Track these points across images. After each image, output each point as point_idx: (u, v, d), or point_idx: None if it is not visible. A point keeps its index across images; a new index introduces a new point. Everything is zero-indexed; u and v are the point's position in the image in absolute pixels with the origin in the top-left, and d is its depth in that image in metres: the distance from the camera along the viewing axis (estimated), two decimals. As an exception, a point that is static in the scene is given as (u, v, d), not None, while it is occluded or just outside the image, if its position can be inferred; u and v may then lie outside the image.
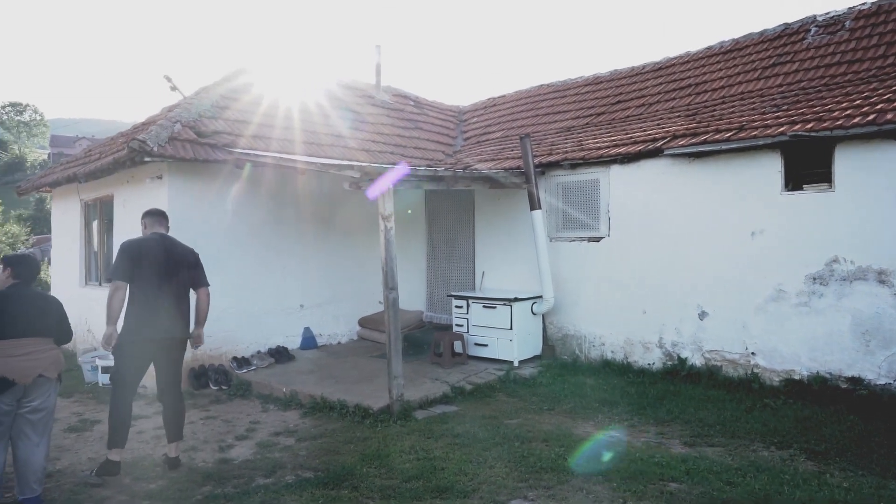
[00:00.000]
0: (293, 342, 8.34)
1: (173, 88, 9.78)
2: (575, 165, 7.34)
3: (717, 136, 6.13)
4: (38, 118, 77.48)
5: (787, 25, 9.20)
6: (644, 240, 6.76)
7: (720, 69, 9.13)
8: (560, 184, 7.59)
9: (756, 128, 6.05)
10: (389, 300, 5.86)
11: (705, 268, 6.27)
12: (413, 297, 9.46)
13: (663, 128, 7.41)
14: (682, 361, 6.43)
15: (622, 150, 6.94)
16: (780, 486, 3.87)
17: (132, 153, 6.50)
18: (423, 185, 6.46)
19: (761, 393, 5.71)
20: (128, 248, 4.42)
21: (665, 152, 6.40)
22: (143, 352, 4.39)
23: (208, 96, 8.23)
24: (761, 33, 9.40)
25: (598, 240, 7.19)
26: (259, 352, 7.81)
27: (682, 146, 6.27)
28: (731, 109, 7.38)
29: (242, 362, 7.44)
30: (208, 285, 4.68)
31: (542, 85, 12.40)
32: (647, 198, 6.73)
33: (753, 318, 5.94)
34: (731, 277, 6.09)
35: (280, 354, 7.83)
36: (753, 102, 7.44)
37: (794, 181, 5.75)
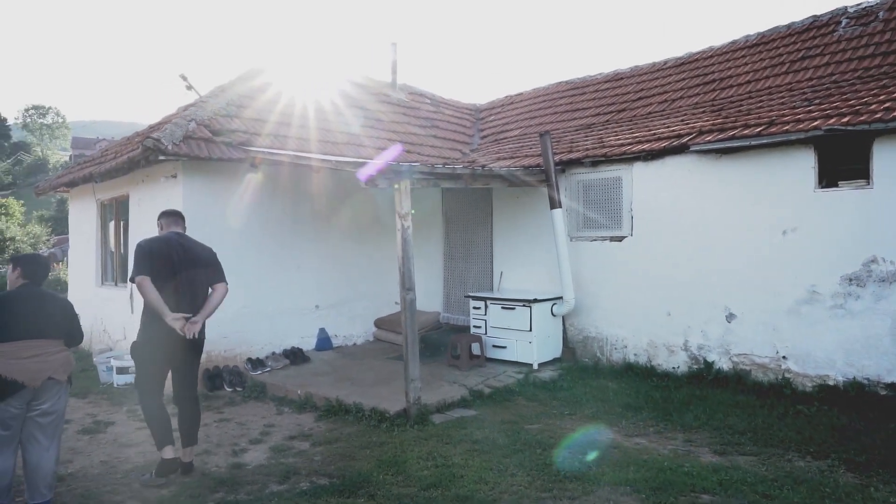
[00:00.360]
0: (308, 343, 8.24)
1: (189, 87, 9.73)
2: (596, 163, 7.14)
3: (746, 132, 5.90)
4: (60, 121, 78.67)
5: (815, 18, 8.91)
6: (668, 239, 6.54)
7: (746, 63, 8.86)
8: (581, 182, 7.39)
9: (787, 122, 5.80)
10: (406, 301, 5.72)
11: (733, 268, 6.04)
12: (429, 298, 9.31)
13: (687, 124, 7.18)
14: (709, 365, 6.20)
15: (645, 146, 6.73)
16: (820, 499, 3.65)
17: (146, 152, 6.43)
18: (441, 183, 6.31)
19: (793, 399, 5.47)
20: (144, 246, 4.33)
21: (691, 148, 6.17)
22: (160, 353, 4.29)
23: (224, 95, 8.16)
24: (788, 26, 9.12)
25: (620, 239, 6.98)
26: (274, 353, 7.72)
27: (709, 142, 6.05)
28: (759, 104, 7.12)
29: (257, 363, 7.34)
30: (226, 282, 4.56)
31: (560, 82, 12.19)
32: (672, 196, 6.51)
33: (785, 321, 5.70)
34: (760, 278, 5.86)
35: (295, 356, 7.72)
36: (783, 97, 7.18)
37: (828, 177, 5.50)
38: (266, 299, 7.70)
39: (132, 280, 4.30)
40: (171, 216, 4.68)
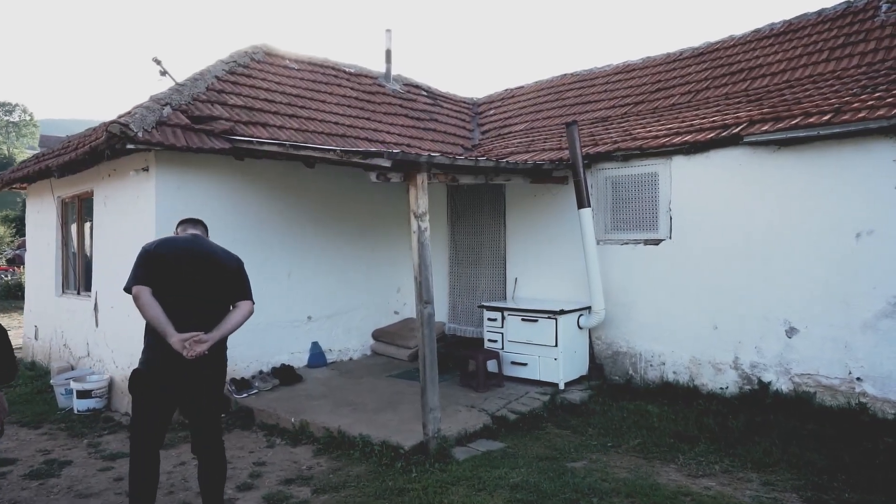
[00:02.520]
0: (300, 359, 7.31)
1: (163, 73, 8.68)
2: (628, 157, 6.36)
3: (811, 120, 5.16)
4: (28, 118, 75.98)
5: (849, 3, 8.27)
6: (715, 242, 5.78)
7: (775, 52, 8.17)
8: (609, 178, 6.60)
9: (857, 110, 5.08)
10: (424, 316, 4.85)
11: (795, 276, 5.29)
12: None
13: (727, 115, 6.44)
14: (765, 386, 5.45)
15: (687, 138, 5.96)
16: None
17: (112, 140, 5.46)
18: (461, 178, 5.46)
19: (873, 427, 4.73)
20: (147, 249, 3.41)
21: (745, 140, 5.42)
22: (161, 389, 3.34)
23: (204, 80, 7.20)
24: (819, 13, 8.48)
25: (656, 242, 6.20)
26: (261, 372, 6.78)
27: (767, 132, 5.30)
28: (807, 93, 6.41)
29: (242, 385, 6.40)
30: (252, 301, 3.61)
31: (565, 74, 11.45)
32: (719, 193, 5.75)
33: (859, 337, 4.96)
34: (828, 287, 5.12)
35: (285, 374, 6.80)
36: (832, 85, 6.48)
37: (911, 172, 4.78)
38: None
39: (127, 290, 3.35)
40: (189, 222, 3.81)
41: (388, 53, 10.95)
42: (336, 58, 10.25)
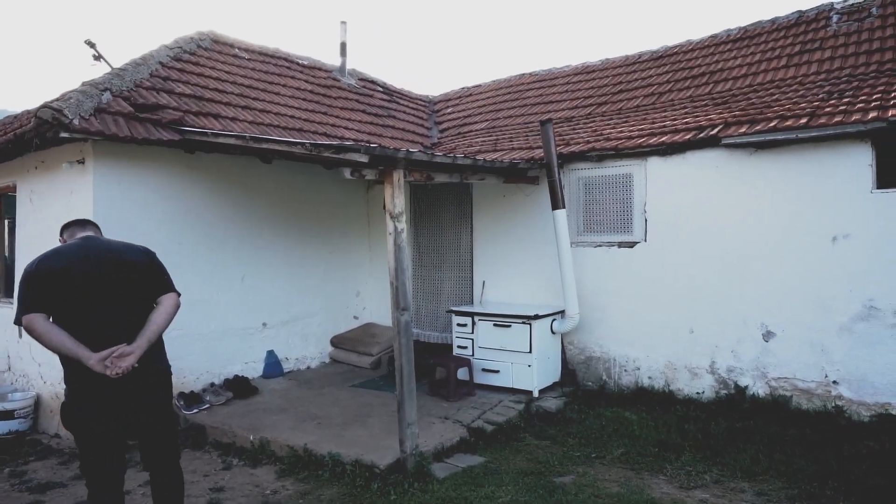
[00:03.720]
0: (254, 369, 6.79)
1: (98, 58, 7.93)
2: (602, 157, 6.22)
3: (788, 124, 5.15)
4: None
5: (801, 13, 8.51)
6: (691, 245, 5.71)
7: (734, 57, 8.30)
8: (582, 179, 6.44)
9: (831, 115, 5.11)
10: (401, 324, 4.51)
11: (772, 279, 5.27)
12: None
13: (698, 117, 6.42)
14: (741, 390, 5.41)
15: (664, 138, 5.87)
16: None
17: (42, 126, 4.82)
18: (436, 176, 5.15)
19: (852, 431, 4.74)
20: (29, 270, 2.86)
21: (723, 141, 5.36)
22: (97, 422, 2.84)
23: (147, 65, 6.56)
24: (773, 21, 8.68)
25: (631, 245, 6.09)
26: (213, 384, 6.23)
27: (745, 134, 5.25)
28: (773, 97, 6.47)
29: (192, 399, 5.85)
30: (177, 292, 3.15)
31: (523, 74, 11.33)
32: (696, 195, 5.69)
33: (836, 340, 4.98)
34: (805, 291, 5.12)
35: (240, 386, 6.27)
36: (796, 90, 6.57)
37: (886, 177, 4.83)
38: (203, 318, 6.21)
39: (17, 323, 2.82)
40: (76, 225, 3.24)
41: (343, 46, 10.49)
42: (287, 49, 9.70)
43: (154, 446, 3.07)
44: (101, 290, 2.88)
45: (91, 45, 7.80)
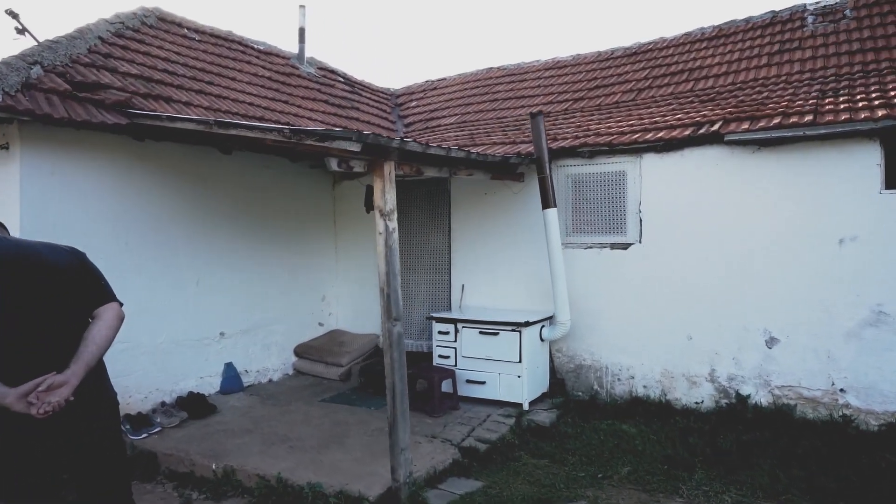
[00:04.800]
0: (211, 385, 6.08)
1: (21, 31, 6.97)
2: (594, 154, 5.87)
3: (793, 120, 4.93)
4: None
5: (775, 13, 8.49)
6: (689, 247, 5.43)
7: (712, 55, 8.17)
8: (572, 176, 6.07)
9: (836, 112, 4.92)
10: (393, 336, 3.99)
11: (775, 283, 5.04)
12: (364, 317, 7.51)
13: (690, 113, 6.17)
14: (743, 399, 5.16)
15: (661, 134, 5.56)
16: None
17: (-43, 104, 4.01)
18: (426, 170, 4.64)
19: (862, 441, 4.54)
20: None
21: (726, 138, 5.09)
22: (29, 473, 2.22)
23: (84, 39, 5.75)
24: (747, 20, 8.63)
25: (625, 247, 5.76)
26: (164, 403, 5.50)
27: (749, 130, 5.00)
28: (764, 95, 6.30)
29: (140, 422, 5.12)
30: (117, 301, 2.50)
31: (491, 68, 10.96)
32: (694, 194, 5.41)
33: (843, 347, 4.79)
34: (810, 295, 4.91)
35: (195, 405, 5.57)
36: (784, 88, 6.42)
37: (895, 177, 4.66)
38: (151, 328, 5.47)
39: None
40: None
41: (302, 32, 9.80)
42: (239, 32, 8.94)
43: (92, 490, 2.43)
44: (14, 305, 2.21)
45: (13, 15, 6.82)
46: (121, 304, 2.49)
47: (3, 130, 4.57)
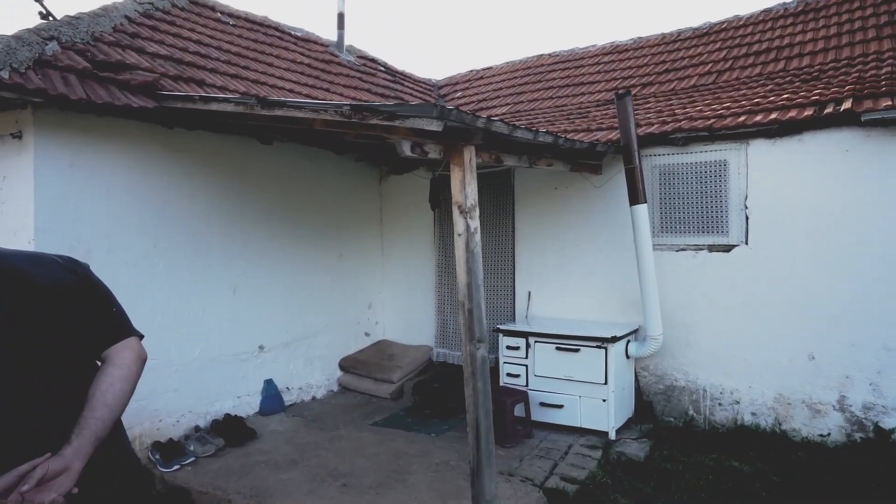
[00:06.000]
0: (249, 405, 5.41)
1: (45, 16, 6.44)
2: (688, 141, 5.04)
3: (953, 94, 4.03)
4: None
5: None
6: (811, 250, 4.56)
7: (801, 32, 7.25)
8: (659, 168, 5.25)
9: None
10: (476, 361, 3.23)
11: (927, 293, 4.15)
12: (416, 327, 6.79)
13: (798, 94, 5.28)
14: (885, 434, 4.28)
15: (774, 115, 4.70)
16: None
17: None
18: (506, 158, 3.88)
19: None
20: None
21: (864, 118, 4.21)
22: None
23: (109, 17, 5.13)
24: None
25: (727, 249, 4.92)
26: (198, 428, 4.85)
27: (894, 108, 4.11)
28: (884, 70, 5.37)
29: (171, 451, 4.46)
30: (136, 333, 1.76)
31: (541, 55, 10.21)
32: (817, 187, 4.54)
33: None
34: (976, 309, 4.01)
35: (232, 429, 4.91)
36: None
37: None
38: (183, 342, 4.82)
39: None
40: None
41: (341, 18, 9.16)
42: (275, 18, 8.31)
43: None
44: None
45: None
46: (141, 338, 1.75)
47: (15, 117, 3.95)
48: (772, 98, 5.26)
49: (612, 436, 4.80)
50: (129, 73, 4.29)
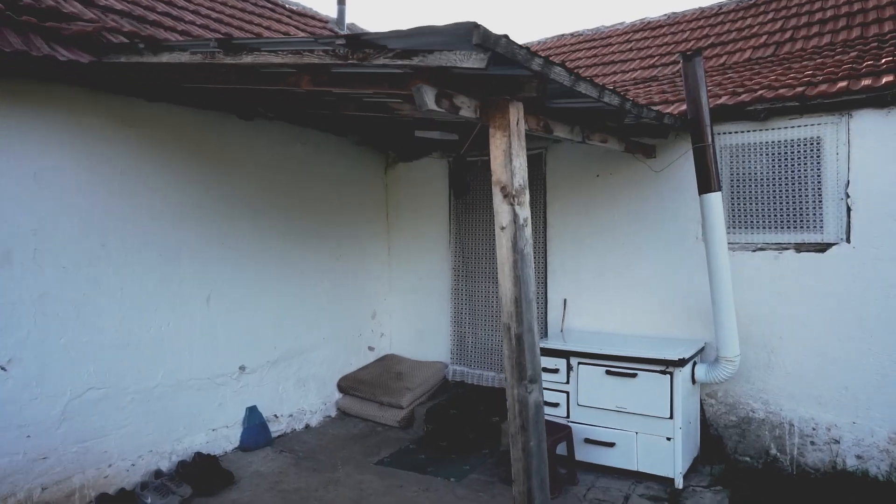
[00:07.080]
0: (227, 439, 4.45)
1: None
2: (770, 114, 4.06)
3: None
4: None
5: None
6: (937, 249, 3.58)
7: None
8: (729, 148, 4.28)
9: None
10: (529, 408, 2.29)
11: None
12: (422, 338, 5.83)
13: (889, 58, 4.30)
14: None
15: (888, 79, 3.72)
16: None
17: None
18: (556, 128, 2.92)
19: None
20: None
21: None
22: None
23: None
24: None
25: (821, 248, 3.94)
26: (159, 472, 3.89)
27: None
28: None
29: (122, 503, 3.50)
30: None
31: (562, 35, 9.40)
32: (946, 169, 3.55)
33: None
34: None
35: (204, 473, 3.94)
36: None
37: None
38: (141, 365, 3.86)
39: None
40: None
41: (341, -9, 8.19)
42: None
43: None
44: None
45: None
46: None
47: None
48: (868, 62, 4.28)
49: (679, 483, 3.81)
50: (66, 22, 3.34)
